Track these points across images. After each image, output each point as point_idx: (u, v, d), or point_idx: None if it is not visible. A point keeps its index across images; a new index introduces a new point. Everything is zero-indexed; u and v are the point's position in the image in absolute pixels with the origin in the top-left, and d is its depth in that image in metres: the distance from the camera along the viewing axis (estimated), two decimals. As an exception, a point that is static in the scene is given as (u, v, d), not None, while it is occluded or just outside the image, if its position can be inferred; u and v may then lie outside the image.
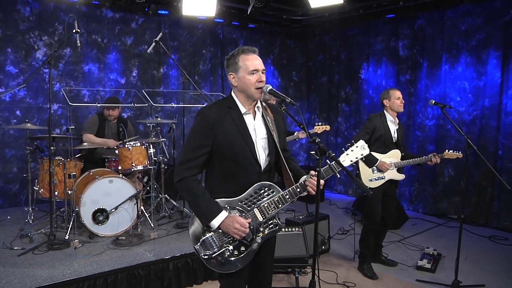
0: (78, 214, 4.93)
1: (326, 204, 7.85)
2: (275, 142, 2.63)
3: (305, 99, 9.73)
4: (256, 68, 2.54)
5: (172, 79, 8.02)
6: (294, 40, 9.67)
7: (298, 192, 2.58)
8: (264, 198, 2.56)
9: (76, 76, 7.00)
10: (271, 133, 2.62)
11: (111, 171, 5.44)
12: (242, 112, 2.58)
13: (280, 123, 2.75)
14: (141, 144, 5.61)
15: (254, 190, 2.55)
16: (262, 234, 2.57)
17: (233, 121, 2.53)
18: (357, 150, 2.70)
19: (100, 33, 7.18)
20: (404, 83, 7.60)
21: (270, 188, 2.58)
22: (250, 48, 2.59)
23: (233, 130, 2.52)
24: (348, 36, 8.64)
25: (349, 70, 8.67)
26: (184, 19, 7.77)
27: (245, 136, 2.54)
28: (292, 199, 2.58)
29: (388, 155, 4.70)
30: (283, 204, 2.57)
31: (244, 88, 2.56)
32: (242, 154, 2.52)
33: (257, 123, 2.62)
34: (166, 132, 7.43)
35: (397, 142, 4.76)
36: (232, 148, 2.50)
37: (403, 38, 7.58)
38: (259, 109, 2.65)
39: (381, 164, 4.60)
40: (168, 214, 5.96)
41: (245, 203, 2.55)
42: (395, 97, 4.65)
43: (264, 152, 2.61)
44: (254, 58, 2.56)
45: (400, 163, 4.70)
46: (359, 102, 8.50)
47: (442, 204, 7.10)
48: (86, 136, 5.85)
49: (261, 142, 2.60)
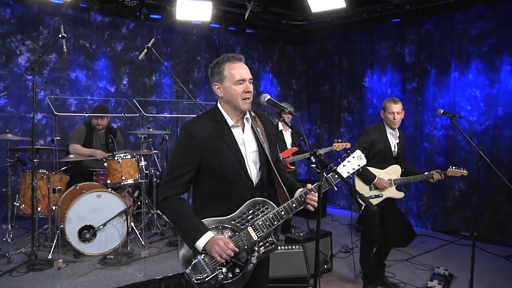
0: (63, 232, 4.89)
1: (328, 220, 7.81)
2: (266, 155, 2.62)
3: (305, 109, 9.72)
4: (243, 77, 2.50)
5: (165, 87, 8.01)
6: (294, 46, 9.67)
7: (294, 208, 2.56)
8: (258, 216, 2.55)
9: (62, 84, 6.95)
10: (262, 145, 2.61)
11: (99, 185, 5.42)
12: (230, 125, 2.56)
13: (271, 133, 2.74)
14: (132, 157, 5.61)
15: (247, 207, 2.54)
16: (258, 253, 2.55)
17: (222, 136, 2.52)
18: (354, 161, 2.69)
19: (88, 38, 7.15)
20: (410, 91, 7.59)
21: (264, 204, 2.57)
22: (236, 56, 2.55)
23: (221, 145, 2.50)
24: (351, 42, 8.64)
25: (352, 78, 8.65)
26: (177, 24, 7.76)
27: (235, 152, 2.52)
28: (288, 215, 2.56)
29: (387, 171, 4.63)
30: (278, 221, 2.55)
31: (230, 99, 2.54)
32: (232, 171, 2.51)
33: (246, 136, 2.61)
34: (158, 144, 7.28)
35: (397, 157, 4.69)
36: (221, 165, 2.49)
37: (409, 43, 7.56)
38: (248, 121, 2.64)
39: (379, 181, 4.52)
40: (160, 231, 5.94)
41: (238, 222, 2.53)
42: (388, 111, 4.55)
43: (255, 166, 2.60)
44: (241, 67, 2.52)
45: (400, 180, 4.63)
46: (363, 111, 8.48)
47: (452, 220, 7.04)
48: (72, 147, 5.85)
49: (251, 156, 2.59)
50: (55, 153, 5.35)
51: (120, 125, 7.50)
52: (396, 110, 4.51)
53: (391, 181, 4.58)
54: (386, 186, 4.54)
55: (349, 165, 2.68)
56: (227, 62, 2.52)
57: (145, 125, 6.93)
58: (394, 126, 4.57)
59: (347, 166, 2.68)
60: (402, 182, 4.63)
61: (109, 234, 5.08)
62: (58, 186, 5.26)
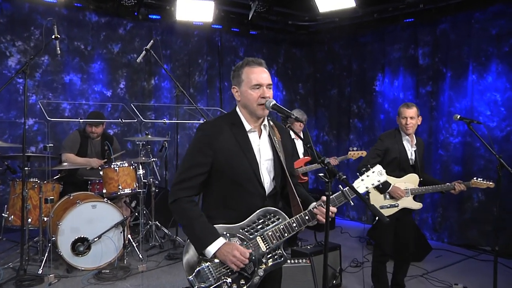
0: (55, 244, 4.88)
1: (337, 232, 7.75)
2: (282, 165, 2.66)
3: (312, 115, 9.68)
4: (260, 82, 2.57)
5: (165, 91, 8.02)
6: (301, 48, 9.68)
7: (307, 220, 2.58)
8: (268, 226, 2.56)
9: (55, 88, 6.96)
10: (278, 154, 2.65)
11: (94, 195, 5.43)
12: (247, 129, 2.62)
13: (287, 145, 2.80)
14: (129, 165, 5.62)
15: (257, 216, 2.56)
16: (265, 266, 2.55)
17: (236, 138, 2.57)
18: (373, 176, 2.68)
19: (83, 40, 7.17)
20: (424, 95, 7.54)
21: (275, 214, 2.59)
22: (256, 60, 2.64)
23: (236, 148, 2.55)
24: (361, 43, 8.63)
25: (362, 81, 8.62)
26: (178, 25, 7.78)
27: (249, 156, 2.57)
28: (300, 227, 2.58)
29: (404, 179, 4.58)
30: (289, 233, 2.56)
31: (246, 104, 2.61)
32: (244, 176, 2.54)
33: (262, 143, 2.66)
34: (157, 151, 7.40)
35: (415, 165, 4.65)
36: (233, 168, 2.53)
37: (423, 45, 7.52)
38: (265, 128, 2.70)
39: (394, 190, 4.47)
40: (159, 243, 5.97)
41: (246, 231, 2.54)
42: (401, 116, 4.56)
43: (269, 175, 2.65)
44: (260, 72, 2.60)
45: (417, 190, 4.58)
46: (374, 117, 8.45)
47: (471, 234, 6.96)
48: (65, 156, 5.85)
49: (266, 164, 2.64)
50: (47, 161, 5.31)
51: (117, 131, 7.51)
52: (409, 115, 4.50)
53: (408, 191, 4.54)
54: (402, 195, 4.48)
55: (368, 180, 2.67)
56: (246, 66, 2.61)
57: (143, 131, 6.99)
58: (408, 131, 4.55)
59: (366, 181, 2.67)
60: (420, 192, 4.59)
61: (104, 247, 5.07)
62: (51, 196, 5.26)
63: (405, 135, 4.60)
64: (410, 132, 4.57)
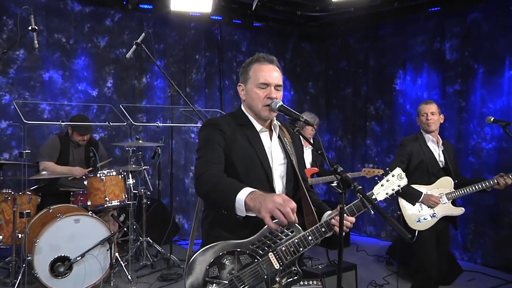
0: (31, 265, 4.85)
1: (352, 250, 7.73)
2: (295, 169, 2.71)
3: (324, 117, 9.65)
4: (267, 81, 2.64)
5: (158, 91, 8.03)
6: (311, 42, 9.66)
7: (324, 233, 2.58)
8: (281, 240, 2.55)
9: (33, 86, 6.92)
10: (290, 157, 2.71)
11: (77, 208, 5.43)
12: (258, 129, 2.70)
13: (298, 147, 2.88)
14: (118, 173, 5.65)
15: (268, 229, 2.53)
16: (279, 285, 2.54)
17: (248, 139, 2.64)
18: (393, 180, 2.75)
19: (65, 32, 7.13)
20: (452, 95, 7.46)
21: (288, 227, 2.55)
22: (267, 57, 2.71)
23: (249, 150, 2.62)
24: (380, 36, 8.60)
25: (381, 79, 8.59)
26: (172, 16, 7.79)
27: (264, 160, 2.63)
28: (316, 241, 2.58)
29: (436, 185, 4.63)
30: (304, 247, 2.55)
31: (251, 103, 2.70)
32: (256, 182, 2.54)
33: (274, 145, 2.73)
34: (149, 158, 7.46)
35: (446, 167, 4.70)
36: (246, 172, 2.58)
37: (450, 37, 7.44)
38: (275, 128, 2.77)
39: (426, 198, 4.52)
40: (151, 262, 5.99)
41: (257, 246, 2.53)
42: (421, 113, 4.70)
43: (281, 181, 2.70)
44: (269, 69, 2.67)
45: (453, 193, 4.61)
46: (394, 120, 8.39)
47: (509, 254, 6.83)
48: (44, 164, 5.83)
49: (278, 168, 2.70)
50: (23, 169, 5.29)
51: (103, 136, 7.49)
52: (429, 110, 4.63)
53: (442, 196, 4.58)
54: (437, 202, 4.51)
55: (388, 185, 2.73)
56: (256, 62, 2.70)
57: (133, 136, 6.93)
58: (430, 128, 4.64)
59: (386, 186, 2.72)
60: (457, 195, 4.61)
61: (88, 267, 5.05)
62: (27, 209, 5.19)
63: (428, 135, 4.70)
64: (433, 129, 4.66)
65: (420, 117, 4.68)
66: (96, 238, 5.08)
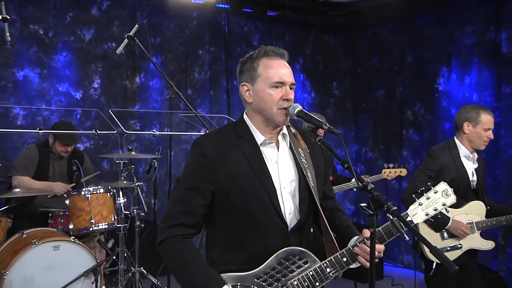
0: None
1: (387, 283, 7.72)
2: (309, 187, 2.66)
3: (351, 124, 9.70)
4: (282, 79, 2.58)
5: (153, 93, 8.07)
6: (336, 34, 9.67)
7: (345, 264, 2.58)
8: (293, 273, 2.57)
9: (4, 87, 6.97)
10: (304, 172, 2.66)
11: (56, 232, 5.39)
12: (259, 142, 2.65)
13: (319, 157, 2.83)
14: (106, 191, 5.65)
15: (277, 260, 2.55)
16: None
17: (245, 155, 2.59)
18: (436, 198, 2.69)
19: (43, 22, 7.16)
20: (508, 96, 7.34)
21: (301, 256, 2.58)
22: (277, 50, 2.65)
23: (245, 171, 2.57)
24: (418, 27, 8.55)
25: (420, 78, 8.52)
26: (171, 4, 7.87)
27: (264, 179, 2.57)
28: (336, 273, 2.58)
29: (466, 210, 4.58)
30: (322, 281, 2.56)
31: (262, 107, 2.62)
32: (258, 207, 2.55)
33: (282, 159, 2.69)
34: (143, 173, 7.53)
35: (477, 189, 4.67)
36: (242, 197, 2.55)
37: (508, 26, 7.32)
38: (285, 138, 2.74)
39: (455, 225, 4.45)
40: None
41: (264, 280, 2.54)
42: (483, 125, 4.52)
43: (292, 202, 2.65)
44: (281, 66, 2.62)
45: (485, 222, 4.58)
46: (436, 126, 8.31)
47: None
48: (18, 180, 5.81)
49: (288, 187, 2.65)
50: None
51: (89, 147, 7.55)
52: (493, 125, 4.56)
53: (473, 225, 4.52)
54: (467, 232, 4.46)
55: (429, 204, 2.67)
56: (264, 57, 2.61)
57: (125, 146, 6.88)
58: (482, 147, 4.60)
59: (426, 205, 2.67)
60: (489, 225, 4.58)
61: None
62: None
63: (465, 149, 4.62)
64: (483, 148, 4.62)
65: (479, 129, 4.50)
66: (79, 269, 5.06)
